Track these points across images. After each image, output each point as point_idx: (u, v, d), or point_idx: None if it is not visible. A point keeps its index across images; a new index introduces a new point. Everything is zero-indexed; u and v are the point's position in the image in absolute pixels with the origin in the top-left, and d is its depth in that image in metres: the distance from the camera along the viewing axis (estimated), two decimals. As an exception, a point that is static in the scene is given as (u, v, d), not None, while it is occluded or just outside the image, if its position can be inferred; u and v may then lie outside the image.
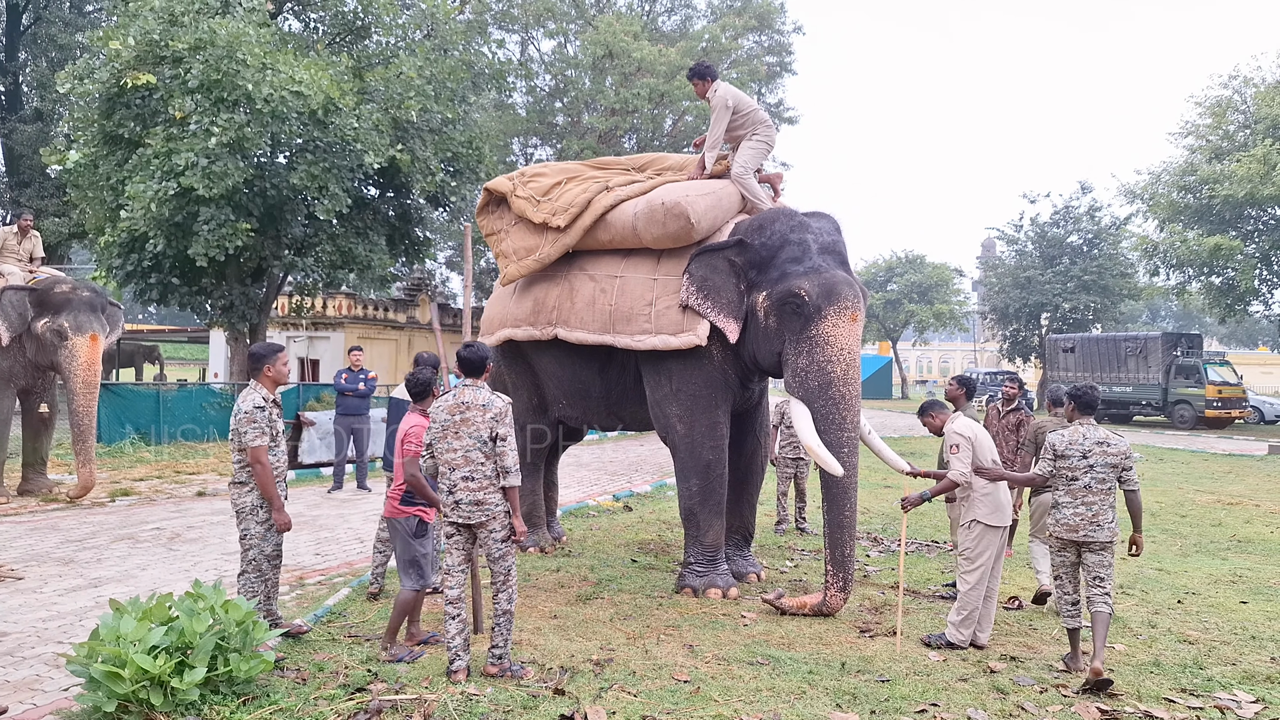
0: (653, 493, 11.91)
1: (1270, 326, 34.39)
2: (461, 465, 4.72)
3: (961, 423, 5.68)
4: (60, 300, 10.03)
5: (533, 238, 7.19)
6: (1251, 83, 25.81)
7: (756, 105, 7.32)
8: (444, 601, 4.79)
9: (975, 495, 5.53)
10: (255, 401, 5.04)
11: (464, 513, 4.72)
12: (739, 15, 27.57)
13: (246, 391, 5.15)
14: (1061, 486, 5.20)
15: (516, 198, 7.21)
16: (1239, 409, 26.02)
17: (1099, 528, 5.06)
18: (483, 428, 4.71)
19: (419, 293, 27.62)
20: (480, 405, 4.74)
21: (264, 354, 5.25)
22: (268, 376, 5.21)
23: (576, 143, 24.91)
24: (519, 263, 7.26)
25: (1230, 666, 5.22)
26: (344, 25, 17.50)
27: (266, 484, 5.00)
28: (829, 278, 6.16)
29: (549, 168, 7.58)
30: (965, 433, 5.58)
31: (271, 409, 5.12)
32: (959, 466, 5.51)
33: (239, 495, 5.11)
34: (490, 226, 7.55)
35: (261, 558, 5.13)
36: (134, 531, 8.50)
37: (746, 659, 5.13)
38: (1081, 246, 36.12)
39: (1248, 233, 26.33)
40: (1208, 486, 13.35)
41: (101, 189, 15.36)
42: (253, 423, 4.99)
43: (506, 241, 7.38)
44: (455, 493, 4.73)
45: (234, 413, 5.10)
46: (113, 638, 3.99)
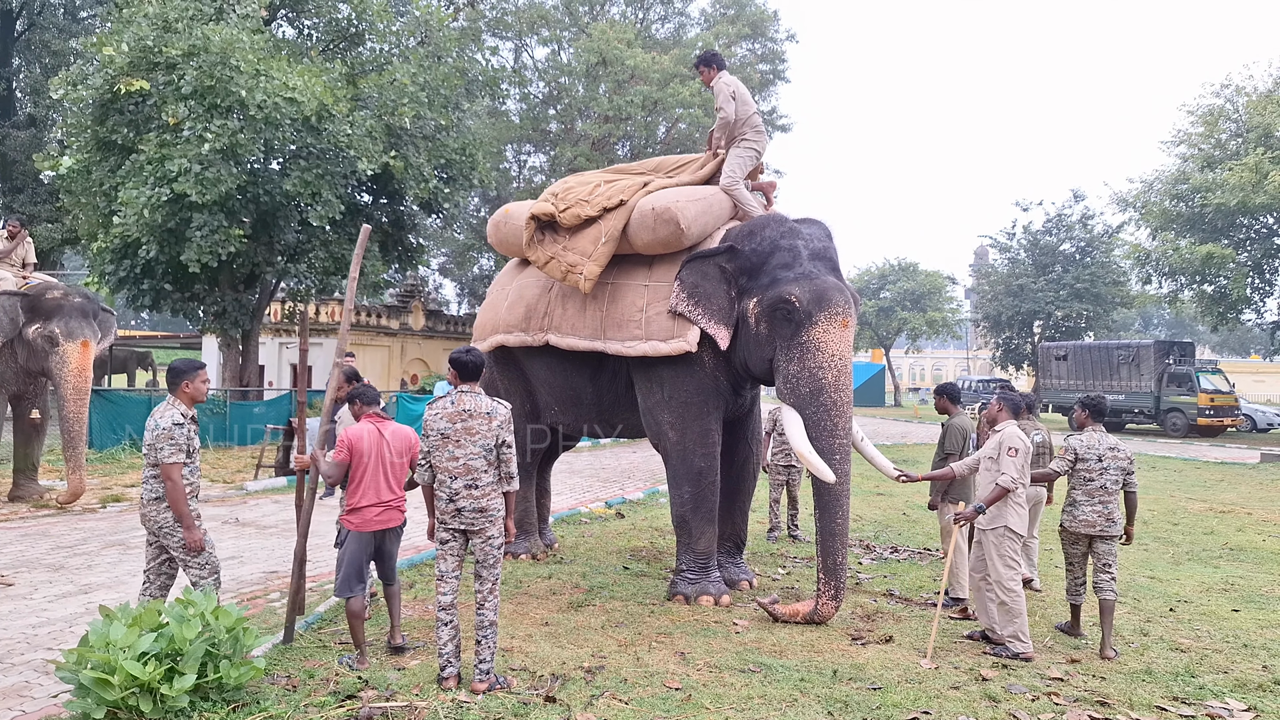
0: (645, 499, 11.90)
1: (1262, 335, 34.55)
2: (463, 474, 4.69)
3: (1014, 430, 5.74)
4: (52, 306, 10.00)
5: (592, 230, 6.92)
6: (1243, 91, 25.97)
7: (755, 108, 7.33)
8: (436, 608, 4.77)
9: (1011, 502, 5.57)
10: (174, 418, 4.84)
11: (467, 520, 4.70)
12: (732, 23, 27.67)
13: (164, 407, 4.95)
14: (1079, 487, 5.77)
15: (564, 214, 6.96)
16: (1231, 417, 26.11)
17: (1112, 523, 5.73)
18: (489, 435, 4.71)
19: (412, 299, 27.61)
20: (485, 413, 4.73)
21: (184, 369, 5.02)
22: (185, 392, 4.98)
23: (570, 150, 24.94)
24: (593, 258, 6.80)
25: (1222, 675, 5.23)
26: (338, 32, 17.53)
27: (178, 501, 4.77)
28: (820, 284, 6.17)
29: (574, 179, 7.55)
30: (1024, 440, 5.65)
31: (190, 425, 4.94)
32: (1011, 471, 5.54)
33: (157, 512, 4.87)
34: (544, 254, 7.11)
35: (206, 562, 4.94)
36: (125, 538, 8.46)
37: (738, 666, 5.12)
38: (1074, 254, 36.27)
39: (1239, 241, 26.46)
40: (1200, 494, 13.38)
41: (94, 195, 15.33)
42: (170, 439, 4.79)
43: (569, 254, 6.96)
44: (457, 500, 4.70)
45: (150, 426, 4.88)
46: (102, 644, 3.97)
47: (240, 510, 10.09)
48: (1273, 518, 11.18)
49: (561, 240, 7.01)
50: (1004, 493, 5.56)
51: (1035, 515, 7.22)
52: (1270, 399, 47.62)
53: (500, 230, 7.88)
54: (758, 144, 7.13)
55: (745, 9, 28.19)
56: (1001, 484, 5.54)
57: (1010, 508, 5.58)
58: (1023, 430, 7.16)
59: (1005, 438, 5.66)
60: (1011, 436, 5.65)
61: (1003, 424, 5.87)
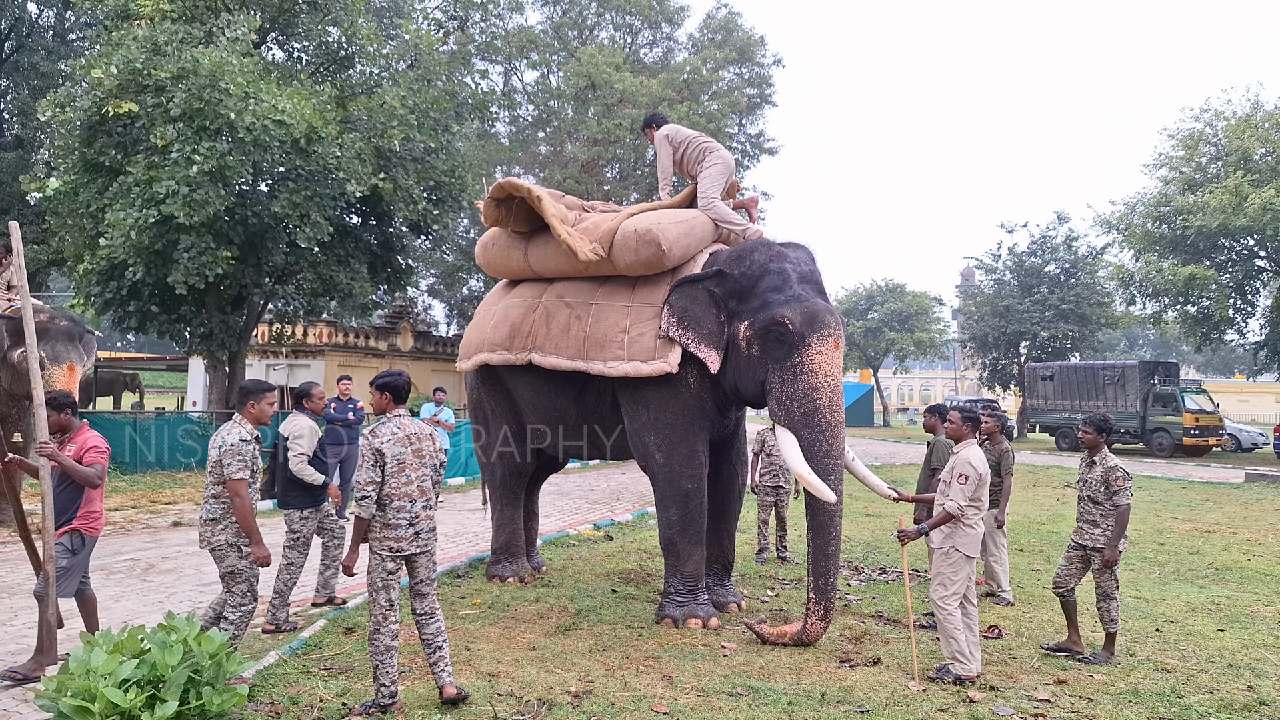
0: (634, 521, 11.87)
1: (1245, 355, 34.81)
2: (419, 495, 4.76)
3: (975, 454, 5.71)
4: (38, 330, 9.94)
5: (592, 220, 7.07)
6: (1222, 116, 26.30)
7: (697, 135, 7.50)
8: (387, 638, 4.62)
9: (961, 526, 5.56)
10: (241, 435, 5.01)
11: (423, 541, 4.75)
12: (720, 48, 27.88)
13: (230, 425, 5.11)
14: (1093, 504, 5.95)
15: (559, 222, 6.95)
16: (1216, 437, 26.25)
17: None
18: (435, 456, 4.86)
19: (400, 320, 27.58)
20: (428, 434, 4.89)
21: (252, 390, 5.25)
22: (250, 412, 5.18)
23: (559, 172, 25.02)
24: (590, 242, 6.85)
25: (1208, 695, 5.24)
26: (327, 55, 17.57)
27: (246, 516, 4.95)
28: (811, 306, 6.22)
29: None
30: (980, 468, 5.61)
31: (254, 444, 5.09)
32: (958, 499, 5.54)
33: (213, 533, 5.00)
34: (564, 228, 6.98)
35: (250, 590, 5.07)
36: (108, 562, 8.38)
37: (726, 690, 5.10)
38: (1059, 276, 36.52)
39: (1221, 263, 26.71)
40: (1185, 514, 13.44)
41: (81, 217, 15.27)
42: (238, 455, 4.95)
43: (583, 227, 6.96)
44: (416, 523, 4.73)
45: (215, 444, 5.03)
46: (83, 671, 3.93)
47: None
48: (1257, 537, 11.23)
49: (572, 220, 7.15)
50: (947, 518, 5.57)
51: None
52: (1255, 418, 47.92)
53: (488, 252, 7.93)
54: (720, 157, 7.25)
55: (733, 34, 28.43)
56: (947, 509, 5.56)
57: (960, 530, 5.57)
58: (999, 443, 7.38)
59: (958, 463, 5.65)
60: (964, 462, 5.62)
61: (963, 445, 5.81)
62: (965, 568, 5.56)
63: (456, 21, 20.36)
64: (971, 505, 5.55)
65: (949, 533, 5.61)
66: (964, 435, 5.85)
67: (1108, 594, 5.93)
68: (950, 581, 5.52)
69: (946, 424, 6.21)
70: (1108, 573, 5.91)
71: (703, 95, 26.75)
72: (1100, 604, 5.99)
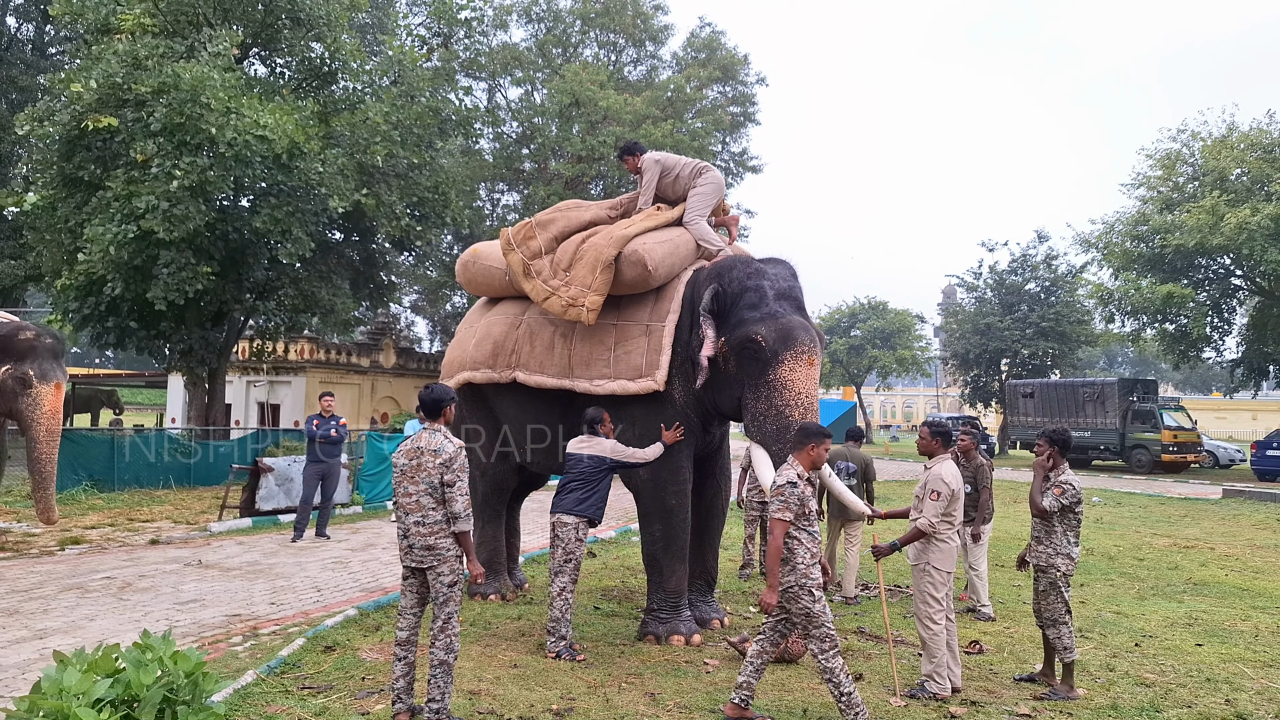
0: (617, 538, 11.83)
1: (1222, 372, 35.19)
2: (415, 509, 4.70)
3: (948, 469, 5.69)
4: (25, 348, 9.77)
5: (588, 258, 6.82)
6: (1199, 136, 26.69)
7: (686, 160, 7.57)
8: (393, 643, 4.75)
9: (935, 541, 5.57)
10: (789, 477, 4.85)
11: (416, 556, 4.69)
12: (704, 66, 28.09)
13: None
14: (1072, 529, 5.68)
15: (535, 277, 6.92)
16: (1194, 453, 26.47)
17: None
18: (433, 473, 4.67)
19: (383, 337, 27.46)
20: (432, 450, 4.71)
21: (814, 433, 5.10)
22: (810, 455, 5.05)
23: (543, 189, 25.06)
24: (594, 289, 6.68)
25: (1186, 709, 5.27)
26: (310, 70, 17.55)
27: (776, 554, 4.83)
28: (785, 323, 6.24)
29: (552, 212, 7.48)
30: (952, 484, 5.59)
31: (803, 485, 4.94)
32: (930, 515, 5.54)
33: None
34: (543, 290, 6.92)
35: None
36: (83, 581, 8.27)
37: (709, 707, 5.08)
38: (1039, 294, 36.83)
39: (1198, 281, 27.02)
40: (1164, 530, 13.53)
41: (59, 231, 15.16)
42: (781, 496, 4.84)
43: (570, 288, 6.78)
44: (409, 537, 4.71)
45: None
46: (55, 691, 3.87)
47: (204, 552, 9.90)
48: (1235, 553, 11.32)
49: (559, 275, 6.90)
50: (919, 534, 5.57)
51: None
52: (1232, 435, 48.35)
53: (469, 270, 7.93)
54: (713, 179, 7.29)
55: (716, 53, 28.64)
56: (919, 526, 5.56)
57: (933, 545, 5.57)
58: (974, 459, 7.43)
59: (930, 479, 5.65)
60: (936, 478, 5.61)
61: (935, 460, 5.78)
62: (946, 584, 5.57)
63: (440, 38, 20.40)
64: (944, 521, 5.55)
65: (922, 548, 5.61)
66: (934, 450, 5.83)
67: (1055, 619, 5.56)
68: (931, 599, 5.53)
69: (918, 440, 6.19)
70: (1054, 594, 5.60)
71: (686, 113, 26.90)
72: (1048, 631, 5.63)
